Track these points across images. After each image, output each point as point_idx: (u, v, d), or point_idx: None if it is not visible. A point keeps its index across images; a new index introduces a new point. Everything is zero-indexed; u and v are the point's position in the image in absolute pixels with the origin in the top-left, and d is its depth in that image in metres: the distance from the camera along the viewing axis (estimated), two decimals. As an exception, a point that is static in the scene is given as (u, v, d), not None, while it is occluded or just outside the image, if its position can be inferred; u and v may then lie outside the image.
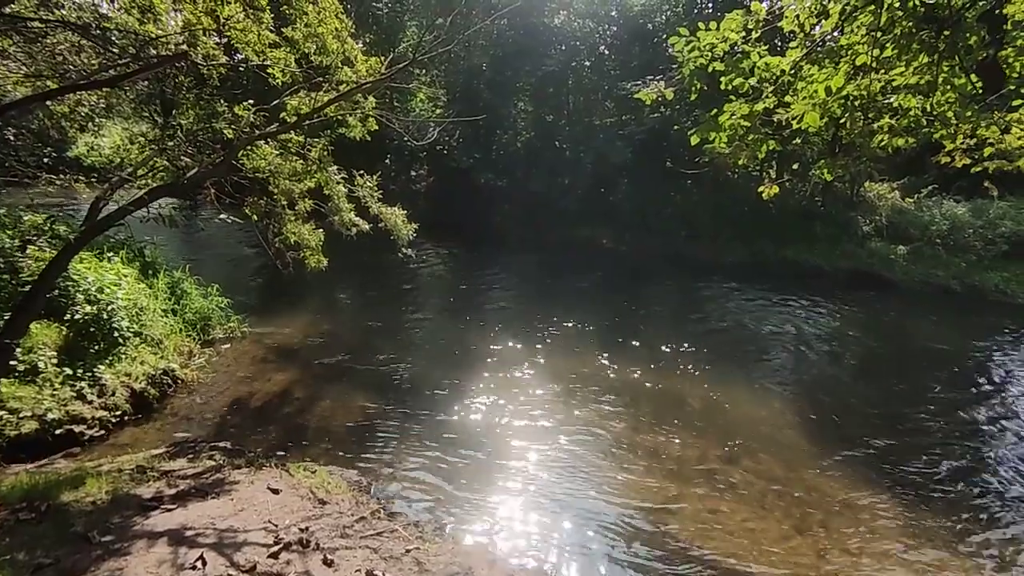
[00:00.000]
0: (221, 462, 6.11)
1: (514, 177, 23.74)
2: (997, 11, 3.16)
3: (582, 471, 6.74)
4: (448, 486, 6.28)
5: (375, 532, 5.01)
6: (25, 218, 7.29)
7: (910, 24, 3.30)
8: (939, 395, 9.32)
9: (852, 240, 18.54)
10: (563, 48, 23.72)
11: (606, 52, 24.71)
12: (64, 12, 6.15)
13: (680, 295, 15.57)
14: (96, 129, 9.01)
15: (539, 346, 10.74)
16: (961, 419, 8.53)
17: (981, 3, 3.30)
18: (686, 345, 11.07)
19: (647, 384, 9.19)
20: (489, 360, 9.89)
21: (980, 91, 3.46)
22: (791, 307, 14.12)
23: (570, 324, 12.01)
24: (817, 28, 3.88)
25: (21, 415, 6.00)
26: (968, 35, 3.17)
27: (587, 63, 24.64)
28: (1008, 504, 6.49)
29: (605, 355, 10.41)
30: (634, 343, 11.10)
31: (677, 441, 7.47)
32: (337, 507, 5.38)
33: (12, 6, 5.75)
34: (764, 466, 6.98)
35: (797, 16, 3.74)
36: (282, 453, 6.70)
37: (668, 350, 10.80)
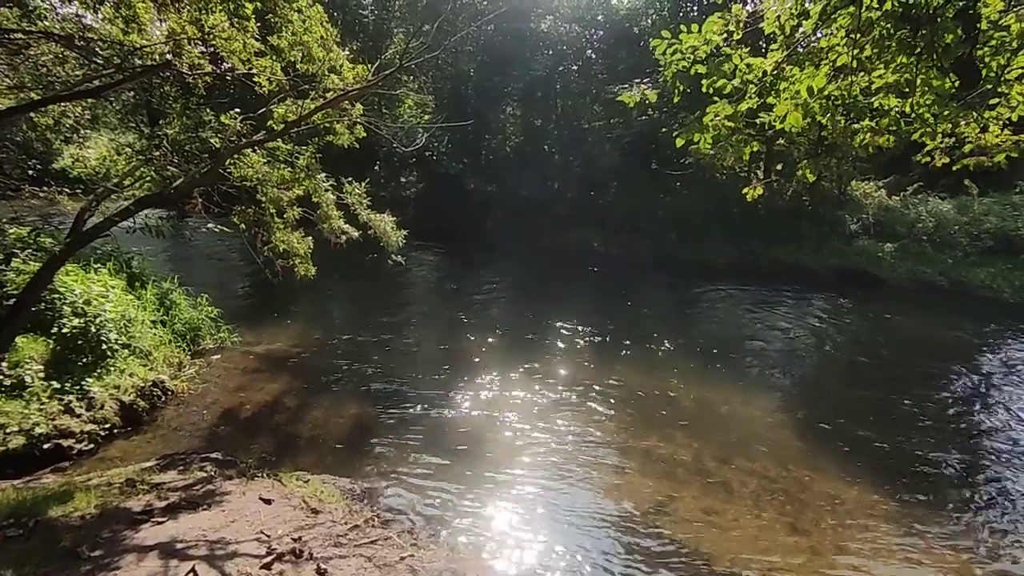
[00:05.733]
0: (212, 473, 6.06)
1: (504, 182, 23.80)
2: (971, 10, 3.21)
3: (576, 474, 6.74)
4: (442, 492, 6.26)
5: (369, 540, 4.98)
6: (9, 231, 7.23)
7: (888, 25, 3.35)
8: (929, 391, 9.40)
9: (840, 239, 18.73)
10: (550, 53, 23.83)
11: (593, 56, 24.87)
12: (47, 23, 6.10)
13: (671, 296, 15.64)
14: (82, 140, 8.95)
15: (531, 351, 10.73)
16: (951, 414, 8.61)
17: (958, 1, 3.35)
18: (678, 346, 11.12)
19: (640, 386, 9.21)
20: (481, 366, 9.88)
21: (955, 89, 3.51)
22: (781, 306, 14.22)
23: (562, 328, 12.02)
24: (798, 30, 3.92)
25: (8, 430, 5.93)
26: (944, 34, 3.22)
27: (574, 67, 24.79)
28: (1000, 498, 6.55)
29: (597, 358, 10.44)
30: (626, 345, 11.13)
31: (671, 442, 7.49)
32: (330, 516, 5.35)
33: (-6, 18, 5.72)
34: (757, 465, 7.01)
35: (778, 18, 3.78)
36: (274, 463, 6.65)
37: (660, 351, 10.84)
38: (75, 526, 4.55)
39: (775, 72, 3.90)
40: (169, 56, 6.37)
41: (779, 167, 19.27)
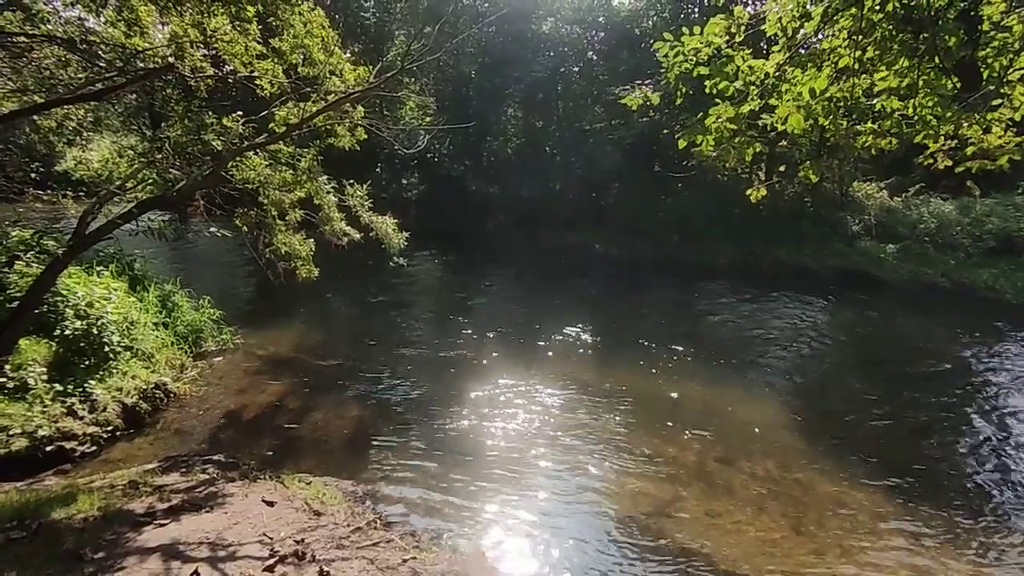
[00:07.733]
0: (215, 475, 6.06)
1: (505, 183, 23.82)
2: (973, 12, 3.21)
3: (579, 476, 6.73)
4: (444, 495, 6.25)
5: (371, 542, 4.98)
6: (12, 233, 7.24)
7: (890, 27, 3.36)
8: (932, 393, 9.37)
9: (842, 239, 18.70)
10: (551, 54, 23.87)
11: (594, 57, 24.90)
12: (50, 27, 6.13)
13: (673, 298, 15.63)
14: (84, 143, 8.97)
15: (534, 353, 10.74)
16: (955, 416, 8.59)
17: (960, 3, 3.36)
18: (680, 348, 11.10)
19: (642, 388, 9.20)
20: (483, 368, 9.88)
21: (957, 91, 3.51)
22: (783, 307, 14.20)
23: (564, 330, 12.01)
24: (800, 32, 3.93)
25: (11, 433, 5.93)
26: (947, 36, 3.22)
27: (575, 69, 24.83)
28: (1002, 500, 6.53)
29: (600, 360, 10.44)
30: (628, 347, 11.12)
31: (673, 444, 7.48)
32: (333, 518, 5.35)
33: (-3, 21, 5.75)
34: (760, 467, 6.99)
35: (780, 19, 3.78)
36: (276, 465, 6.64)
37: (663, 353, 10.83)
38: (78, 528, 4.55)
39: (777, 74, 3.91)
40: (171, 59, 6.41)
41: (781, 168, 19.25)
